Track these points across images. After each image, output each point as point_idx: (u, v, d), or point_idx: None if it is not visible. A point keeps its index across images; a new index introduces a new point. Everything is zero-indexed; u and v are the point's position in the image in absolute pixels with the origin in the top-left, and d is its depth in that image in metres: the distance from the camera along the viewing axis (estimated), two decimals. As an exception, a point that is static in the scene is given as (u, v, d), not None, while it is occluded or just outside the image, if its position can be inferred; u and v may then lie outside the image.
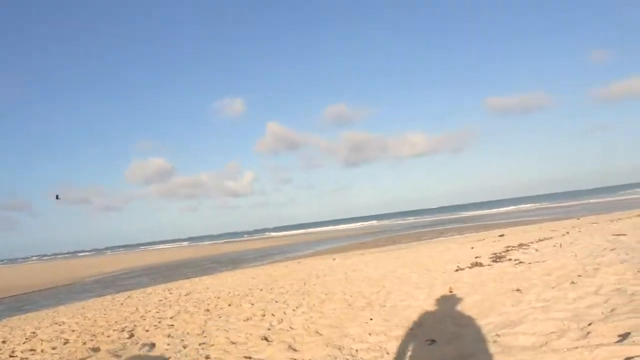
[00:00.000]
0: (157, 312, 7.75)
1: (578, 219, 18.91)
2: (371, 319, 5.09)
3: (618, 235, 8.40)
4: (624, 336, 3.06)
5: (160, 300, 9.41)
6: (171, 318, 6.88)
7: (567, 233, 11.48)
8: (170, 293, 10.65)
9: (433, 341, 3.88)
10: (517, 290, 5.22)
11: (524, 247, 9.83)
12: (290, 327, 5.25)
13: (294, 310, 6.27)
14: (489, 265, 7.93)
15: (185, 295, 9.67)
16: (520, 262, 7.40)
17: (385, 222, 74.21)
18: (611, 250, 6.70)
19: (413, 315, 4.99)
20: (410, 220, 69.26)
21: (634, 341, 2.92)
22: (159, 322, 6.63)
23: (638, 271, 4.91)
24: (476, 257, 9.08)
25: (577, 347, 3.06)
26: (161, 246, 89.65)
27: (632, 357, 2.72)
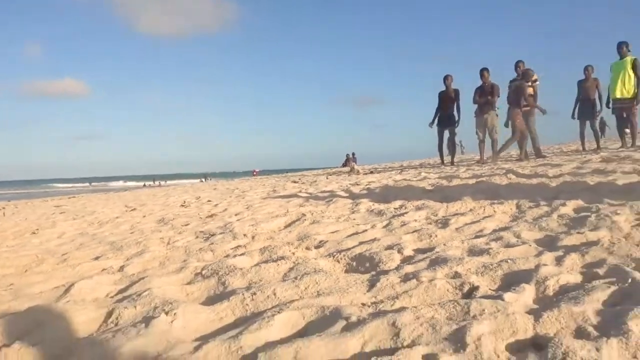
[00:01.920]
0: None
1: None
2: None
3: (60, 206, 9.05)
4: (98, 257, 3.63)
5: None
6: None
7: (3, 208, 11.07)
8: None
9: None
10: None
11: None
12: None
13: None
14: None
15: None
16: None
17: None
18: (60, 213, 7.23)
19: None
20: None
21: (107, 257, 3.54)
22: None
23: (91, 224, 5.66)
24: None
25: (60, 268, 3.34)
26: None
27: (108, 268, 3.30)
